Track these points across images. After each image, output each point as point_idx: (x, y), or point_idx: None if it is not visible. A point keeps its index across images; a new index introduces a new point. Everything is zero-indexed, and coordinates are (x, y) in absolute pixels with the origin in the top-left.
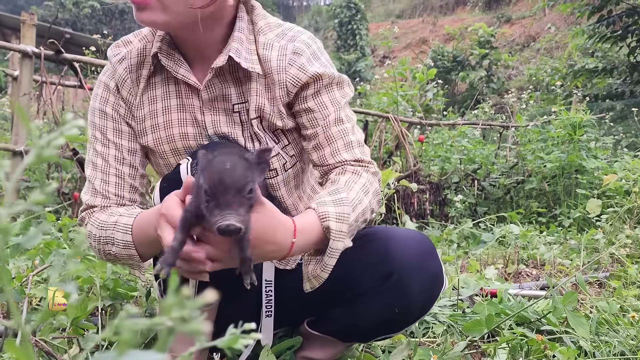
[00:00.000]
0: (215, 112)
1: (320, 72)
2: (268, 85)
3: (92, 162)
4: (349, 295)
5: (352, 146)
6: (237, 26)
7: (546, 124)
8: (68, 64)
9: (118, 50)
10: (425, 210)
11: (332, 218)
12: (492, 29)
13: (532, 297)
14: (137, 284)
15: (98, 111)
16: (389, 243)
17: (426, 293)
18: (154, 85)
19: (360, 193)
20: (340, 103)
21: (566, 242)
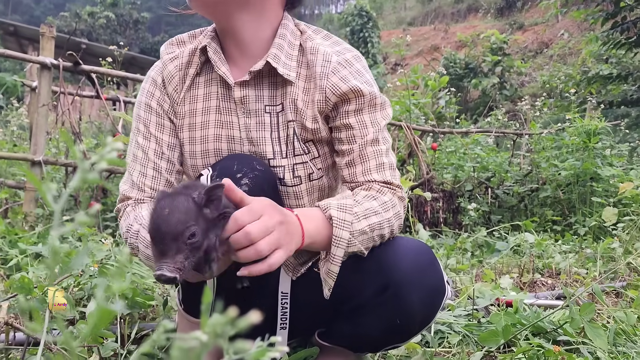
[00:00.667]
0: (247, 115)
1: (361, 88)
2: (308, 89)
3: (132, 154)
4: (351, 305)
5: (383, 168)
6: (279, 33)
7: (560, 132)
8: (85, 75)
9: (172, 49)
10: (439, 218)
11: (333, 207)
12: (504, 36)
13: (548, 307)
14: (154, 293)
15: (144, 105)
16: (386, 254)
17: (426, 305)
18: (198, 85)
19: (379, 207)
20: (380, 124)
21: (582, 251)
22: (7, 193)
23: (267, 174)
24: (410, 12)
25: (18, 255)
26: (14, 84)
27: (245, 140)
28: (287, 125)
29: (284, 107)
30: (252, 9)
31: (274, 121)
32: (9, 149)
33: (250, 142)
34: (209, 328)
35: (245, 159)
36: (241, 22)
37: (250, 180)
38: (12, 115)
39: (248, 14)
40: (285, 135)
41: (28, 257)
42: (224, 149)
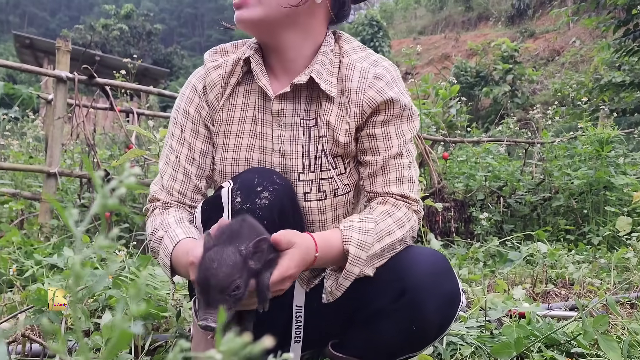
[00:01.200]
0: (282, 128)
1: (395, 97)
2: (343, 104)
3: (165, 157)
4: (365, 313)
5: (402, 181)
6: (322, 49)
7: (573, 140)
8: (100, 87)
9: (215, 57)
10: (451, 228)
11: (353, 243)
12: (515, 44)
13: (562, 318)
14: (167, 304)
15: (182, 110)
16: (402, 261)
17: (442, 312)
18: (237, 94)
19: (393, 225)
20: (405, 137)
21: (596, 261)
22: (23, 204)
23: (286, 188)
24: (420, 21)
25: (34, 266)
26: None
27: (277, 153)
28: (317, 141)
29: (317, 122)
30: (299, 27)
31: (306, 135)
32: (25, 160)
33: (281, 155)
34: (224, 348)
35: (266, 172)
36: (286, 40)
37: (270, 193)
38: (28, 127)
39: (294, 33)
40: (315, 150)
41: (43, 268)
42: (255, 158)
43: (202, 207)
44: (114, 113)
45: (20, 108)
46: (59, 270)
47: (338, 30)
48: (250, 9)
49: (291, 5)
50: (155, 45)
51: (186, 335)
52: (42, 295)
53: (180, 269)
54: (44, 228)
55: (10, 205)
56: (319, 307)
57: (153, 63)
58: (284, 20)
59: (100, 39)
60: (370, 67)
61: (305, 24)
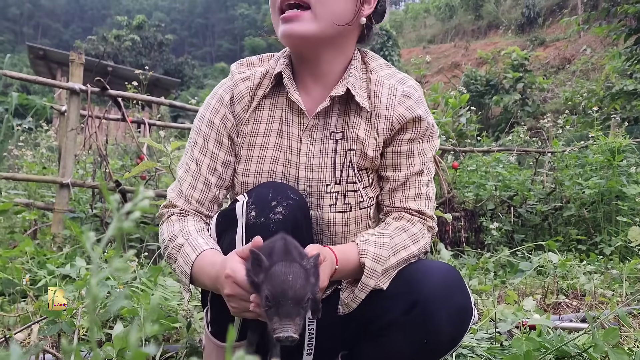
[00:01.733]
0: (312, 142)
1: (422, 116)
2: (371, 118)
3: (186, 165)
4: (377, 325)
5: (421, 198)
6: (353, 64)
7: (584, 149)
8: (112, 99)
9: (243, 70)
10: (461, 237)
11: (369, 256)
12: (525, 52)
13: (573, 330)
14: (178, 315)
15: (207, 120)
16: (414, 273)
17: (454, 325)
18: (263, 107)
19: (408, 240)
20: (427, 155)
21: (607, 271)
22: (36, 214)
23: (300, 203)
24: (430, 29)
25: (46, 276)
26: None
27: (303, 166)
28: (345, 153)
29: (345, 135)
30: (337, 44)
31: (333, 147)
32: (39, 171)
33: (307, 168)
34: None
35: (280, 187)
36: (324, 55)
37: (284, 208)
38: (42, 137)
39: (333, 49)
40: (342, 162)
41: (56, 278)
42: (278, 171)
43: (217, 219)
44: (126, 123)
45: (33, 118)
46: (72, 280)
47: (362, 48)
48: (304, 23)
49: (345, 24)
50: (166, 55)
51: (196, 346)
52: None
53: (203, 279)
54: (56, 238)
55: (24, 216)
56: (330, 319)
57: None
58: (332, 37)
59: (112, 49)
60: (397, 84)
61: (342, 41)
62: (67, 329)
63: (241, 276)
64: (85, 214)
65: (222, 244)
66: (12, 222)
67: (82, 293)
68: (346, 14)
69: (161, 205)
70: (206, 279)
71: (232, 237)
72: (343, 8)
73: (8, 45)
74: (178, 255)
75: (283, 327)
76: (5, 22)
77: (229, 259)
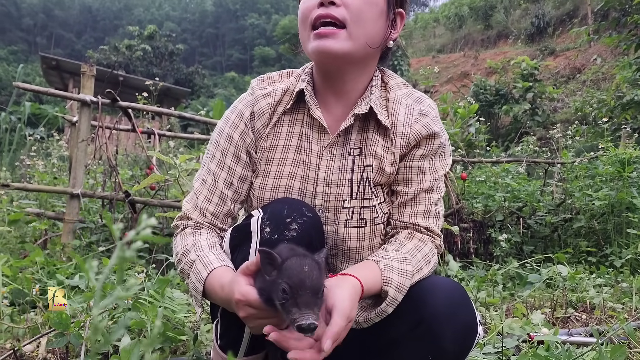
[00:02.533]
0: (332, 158)
1: (437, 133)
2: (388, 135)
3: (202, 178)
4: (382, 342)
5: (429, 215)
6: (374, 83)
7: (593, 160)
8: (122, 110)
9: (264, 86)
10: (469, 249)
11: (393, 286)
12: (535, 62)
13: (582, 344)
14: (184, 327)
15: (226, 134)
16: (420, 290)
17: (459, 342)
18: (282, 123)
19: (422, 262)
20: (438, 173)
21: (617, 284)
22: (46, 224)
23: (315, 220)
24: (439, 39)
25: (56, 287)
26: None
27: (321, 182)
28: (362, 169)
29: (363, 151)
30: (362, 64)
31: (351, 163)
32: (50, 181)
33: (326, 184)
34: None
35: (295, 204)
36: (349, 75)
37: (298, 225)
38: (53, 147)
39: (358, 69)
40: (359, 178)
41: (65, 289)
42: (295, 186)
43: (231, 233)
44: (136, 133)
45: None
46: (80, 291)
47: (381, 67)
48: (339, 41)
49: (376, 47)
50: (177, 65)
51: (203, 358)
52: (63, 319)
53: (215, 299)
54: (66, 248)
55: (35, 225)
56: None
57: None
58: (361, 57)
59: (124, 59)
60: (414, 104)
61: (369, 61)
62: (75, 341)
63: (253, 297)
64: (95, 224)
65: (235, 258)
66: (23, 232)
67: (90, 304)
68: (378, 37)
69: (176, 217)
70: (218, 300)
71: (245, 252)
72: (376, 31)
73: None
74: (190, 271)
75: (303, 316)
76: (19, 32)
77: (236, 283)
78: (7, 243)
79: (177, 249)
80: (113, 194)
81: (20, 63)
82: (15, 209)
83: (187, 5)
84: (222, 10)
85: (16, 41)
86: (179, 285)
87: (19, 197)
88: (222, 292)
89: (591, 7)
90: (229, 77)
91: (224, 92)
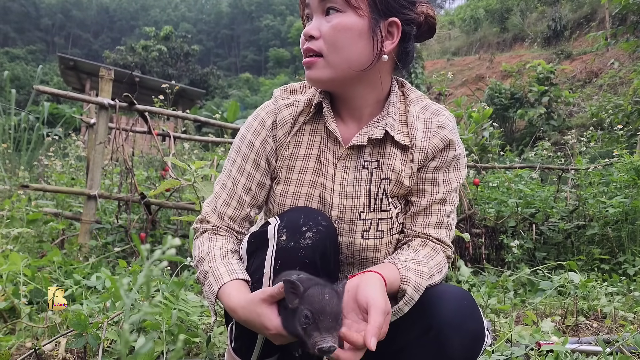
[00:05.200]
0: (345, 170)
1: (453, 143)
2: (407, 148)
3: (222, 182)
4: (390, 349)
5: (441, 226)
6: (391, 100)
7: (608, 167)
8: (139, 113)
9: (287, 96)
10: (481, 254)
11: (411, 285)
12: (551, 66)
13: (591, 353)
14: (198, 329)
15: (248, 141)
16: (429, 298)
17: (467, 350)
18: (303, 132)
19: (434, 269)
20: (451, 185)
21: (630, 293)
22: (64, 224)
23: (330, 230)
24: (454, 42)
25: (73, 286)
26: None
27: (337, 193)
28: (380, 182)
29: (380, 164)
30: (366, 81)
31: (368, 176)
32: (67, 182)
33: (341, 195)
34: None
35: (311, 213)
36: (354, 93)
37: (314, 234)
38: (71, 148)
39: (362, 86)
40: (377, 190)
41: (82, 288)
42: (315, 195)
43: (248, 239)
44: (151, 135)
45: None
46: (96, 291)
47: (400, 79)
48: (319, 69)
49: (364, 68)
50: (192, 65)
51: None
52: (82, 320)
53: (227, 309)
54: (83, 248)
55: (52, 225)
56: None
57: (190, 83)
58: (353, 78)
59: (140, 59)
60: (432, 116)
61: (372, 78)
62: (93, 342)
63: (282, 328)
64: (111, 225)
65: (251, 264)
66: (40, 232)
67: (106, 305)
68: (362, 57)
69: (196, 219)
70: (233, 315)
71: (262, 259)
72: (358, 53)
73: (40, 54)
74: (205, 282)
75: (324, 339)
76: (38, 32)
77: (265, 317)
78: (25, 242)
79: (195, 253)
80: (129, 196)
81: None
82: (33, 209)
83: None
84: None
85: (34, 41)
86: (192, 287)
87: (36, 197)
88: (240, 311)
89: (609, 11)
90: (243, 78)
91: (238, 93)
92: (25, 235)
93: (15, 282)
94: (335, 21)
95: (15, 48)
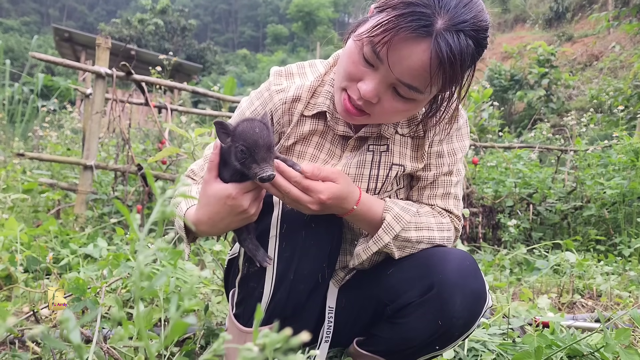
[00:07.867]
0: (351, 155)
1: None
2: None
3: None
4: (393, 308)
5: (449, 197)
6: None
7: (607, 149)
8: (136, 84)
9: (280, 81)
10: (478, 233)
11: (391, 213)
12: (552, 48)
13: (587, 330)
14: (195, 298)
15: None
16: (431, 257)
17: (468, 308)
18: (304, 122)
19: (434, 225)
20: (456, 156)
21: (625, 273)
22: (60, 195)
23: None
24: None
25: (69, 255)
26: (67, 88)
27: None
28: (388, 167)
29: (389, 148)
30: None
31: (375, 159)
32: (63, 152)
33: None
34: (261, 340)
35: None
36: None
37: None
38: (66, 119)
39: None
40: (385, 175)
41: (78, 257)
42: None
43: None
44: (148, 107)
45: (58, 99)
46: (93, 260)
47: None
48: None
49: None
50: (189, 40)
51: (213, 328)
52: (80, 285)
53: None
54: (79, 218)
55: (48, 196)
56: (348, 304)
57: (186, 58)
58: None
59: (136, 33)
60: None
61: None
62: (91, 306)
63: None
64: (107, 196)
65: (257, 227)
66: (36, 202)
67: (103, 273)
68: (403, 117)
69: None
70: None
71: (267, 222)
72: (400, 117)
73: (34, 26)
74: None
75: (263, 169)
76: (32, 4)
77: (221, 191)
78: (20, 212)
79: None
80: (126, 167)
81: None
82: (28, 179)
83: None
84: None
85: (29, 12)
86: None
87: (31, 168)
88: (202, 213)
89: None
90: (240, 54)
91: (235, 69)
92: (21, 205)
93: (11, 250)
94: (403, 107)
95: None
